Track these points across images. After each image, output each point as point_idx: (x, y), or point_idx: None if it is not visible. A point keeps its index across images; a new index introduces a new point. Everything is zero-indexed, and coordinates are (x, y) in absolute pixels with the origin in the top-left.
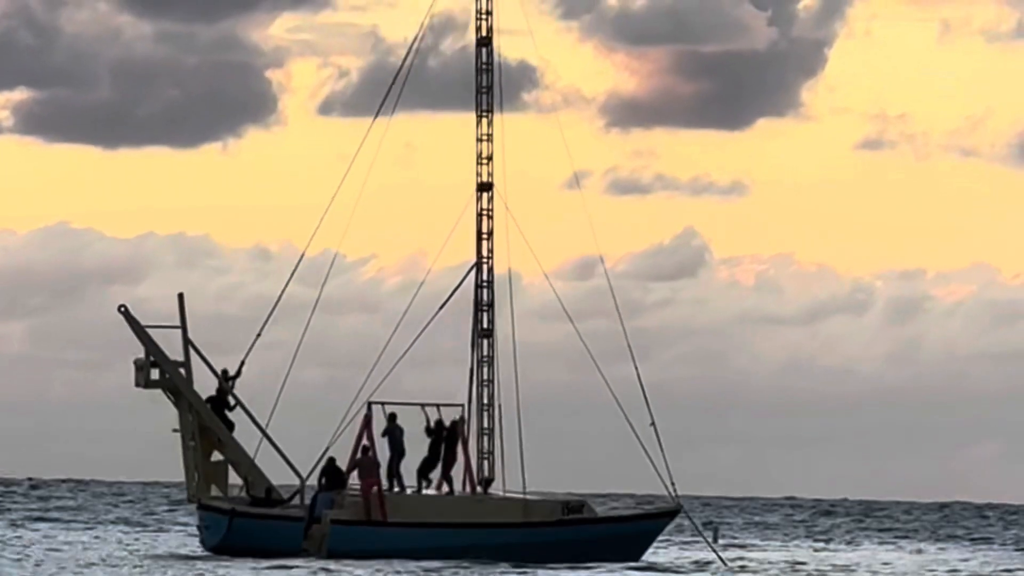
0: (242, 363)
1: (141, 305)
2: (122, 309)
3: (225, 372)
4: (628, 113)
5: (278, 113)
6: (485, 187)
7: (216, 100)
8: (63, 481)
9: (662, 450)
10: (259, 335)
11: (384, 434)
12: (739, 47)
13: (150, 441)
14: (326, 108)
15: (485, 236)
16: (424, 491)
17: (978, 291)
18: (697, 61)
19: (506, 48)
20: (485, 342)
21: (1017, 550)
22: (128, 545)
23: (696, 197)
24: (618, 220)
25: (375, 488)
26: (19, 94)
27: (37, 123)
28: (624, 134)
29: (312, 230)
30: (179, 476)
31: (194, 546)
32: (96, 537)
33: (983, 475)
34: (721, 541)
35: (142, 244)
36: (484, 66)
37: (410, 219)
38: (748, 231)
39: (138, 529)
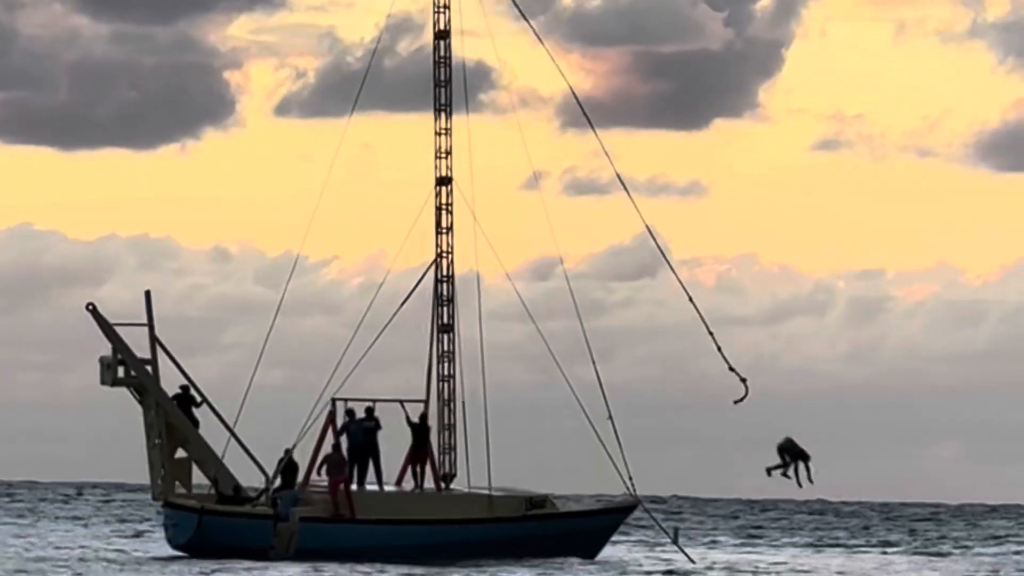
0: (202, 400)
1: (104, 306)
2: (90, 307)
3: (186, 388)
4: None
5: (236, 114)
6: (444, 181)
7: (174, 101)
8: (26, 482)
9: (620, 445)
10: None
11: (340, 432)
12: (695, 48)
13: (113, 442)
14: (283, 109)
15: (444, 231)
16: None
17: (940, 291)
18: (653, 61)
19: (462, 48)
20: (445, 337)
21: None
22: (96, 548)
23: (653, 197)
24: (577, 220)
25: (342, 485)
26: None
27: None
28: (581, 134)
29: (272, 231)
30: (143, 477)
31: (161, 545)
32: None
33: (944, 475)
34: (682, 541)
35: (104, 246)
36: (441, 59)
37: (371, 220)
38: (706, 232)
39: (104, 529)
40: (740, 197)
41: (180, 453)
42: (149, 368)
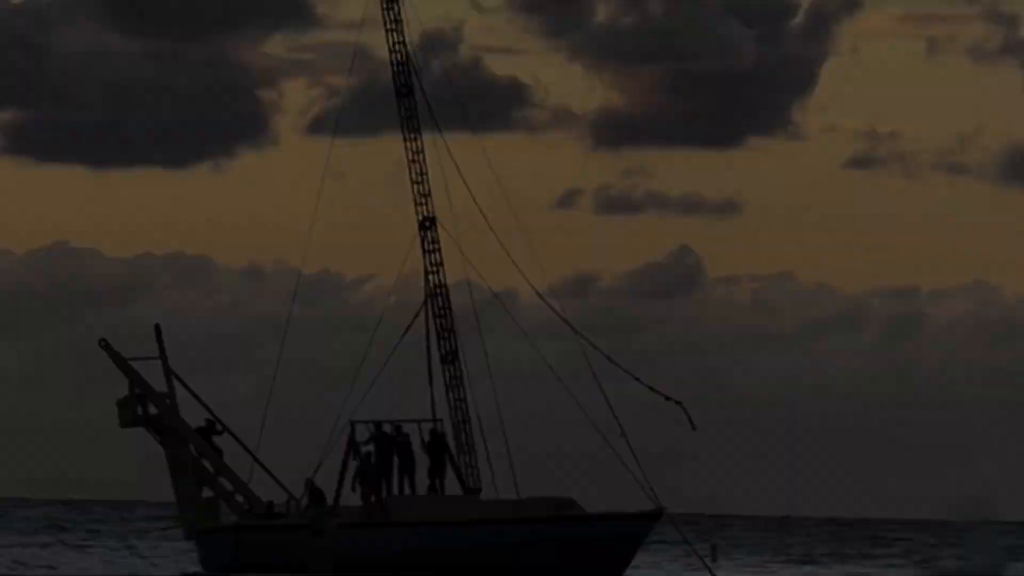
0: (222, 427)
1: (137, 325)
2: (103, 343)
3: (211, 422)
4: (618, 131)
5: (270, 132)
6: (426, 224)
7: (207, 120)
8: (63, 502)
9: (636, 459)
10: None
11: (368, 442)
12: (728, 66)
13: (143, 462)
14: (317, 127)
15: (433, 269)
16: None
17: (975, 308)
18: (686, 79)
19: (496, 66)
20: (451, 366)
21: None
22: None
23: (687, 216)
24: (611, 238)
25: (372, 495)
26: (9, 114)
27: (27, 143)
28: (614, 152)
29: (305, 249)
30: (169, 496)
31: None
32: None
33: (979, 494)
34: (719, 560)
35: (139, 264)
36: (407, 112)
37: (405, 237)
38: (741, 249)
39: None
40: (774, 215)
41: (207, 493)
42: (168, 401)
